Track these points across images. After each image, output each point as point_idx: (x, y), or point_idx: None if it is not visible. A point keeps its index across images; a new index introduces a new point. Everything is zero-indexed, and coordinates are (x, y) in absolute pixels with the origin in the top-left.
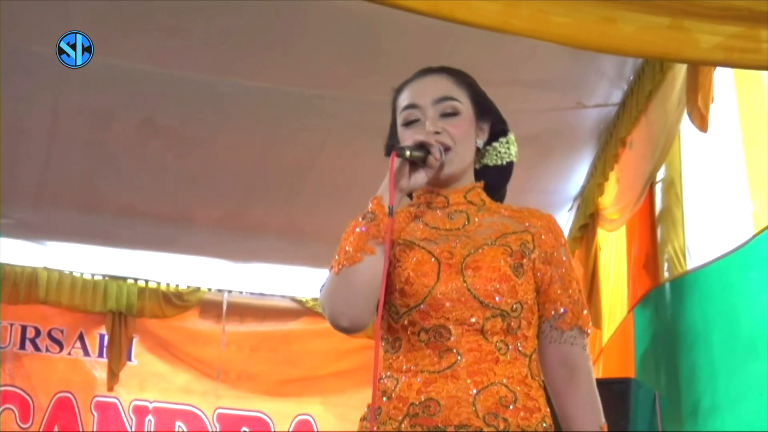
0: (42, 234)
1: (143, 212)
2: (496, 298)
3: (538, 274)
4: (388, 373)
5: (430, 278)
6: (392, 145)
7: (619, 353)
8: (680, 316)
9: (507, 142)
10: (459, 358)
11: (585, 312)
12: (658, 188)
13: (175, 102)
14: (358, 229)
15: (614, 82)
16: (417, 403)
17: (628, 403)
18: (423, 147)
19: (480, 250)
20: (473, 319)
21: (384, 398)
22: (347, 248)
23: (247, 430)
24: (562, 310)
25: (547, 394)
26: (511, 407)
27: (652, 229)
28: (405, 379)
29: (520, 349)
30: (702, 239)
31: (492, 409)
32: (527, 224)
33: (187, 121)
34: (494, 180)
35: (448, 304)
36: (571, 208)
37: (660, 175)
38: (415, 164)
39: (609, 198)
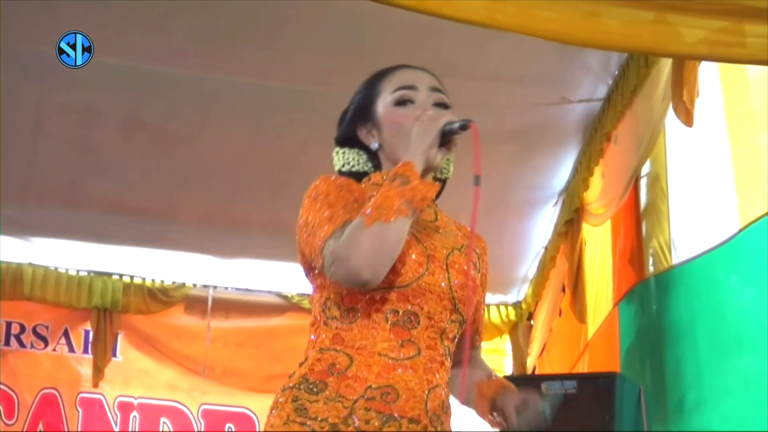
0: (27, 230)
1: (129, 208)
2: (465, 305)
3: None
4: (337, 347)
5: (422, 265)
6: (353, 128)
7: (604, 348)
8: (665, 311)
9: (449, 160)
10: (419, 352)
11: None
12: (643, 183)
13: (161, 98)
14: (389, 190)
15: (599, 77)
16: (376, 387)
17: (613, 398)
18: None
19: (456, 252)
20: (441, 318)
21: (331, 373)
22: (380, 204)
23: (232, 426)
24: (477, 330)
25: None
26: (447, 412)
27: (637, 223)
28: (361, 359)
29: (452, 359)
30: (687, 234)
31: (437, 410)
32: (475, 242)
33: (173, 117)
34: None
35: (428, 295)
36: (556, 203)
37: (645, 169)
38: (444, 141)
39: (594, 193)
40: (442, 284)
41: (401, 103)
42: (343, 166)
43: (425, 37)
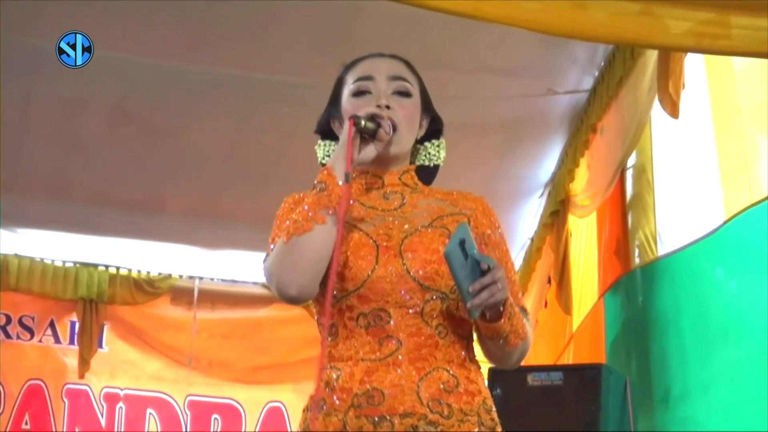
0: (13, 221)
1: (115, 199)
2: (436, 281)
3: None
4: (330, 363)
5: (369, 261)
6: (328, 120)
7: (589, 339)
8: (651, 303)
9: (439, 146)
10: (400, 344)
11: (521, 294)
12: (629, 174)
13: (148, 90)
14: (308, 199)
15: (585, 69)
16: (360, 393)
17: (599, 390)
18: (374, 119)
19: (417, 232)
20: (413, 302)
21: (327, 389)
22: (297, 218)
23: (218, 417)
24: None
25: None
26: (453, 392)
27: (623, 215)
28: (347, 369)
29: (459, 332)
30: (673, 225)
31: (435, 395)
32: (462, 207)
33: (160, 109)
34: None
35: (387, 287)
36: (542, 195)
37: (631, 161)
38: (365, 137)
39: (580, 184)
40: (398, 270)
41: (358, 94)
42: (323, 158)
43: (411, 29)
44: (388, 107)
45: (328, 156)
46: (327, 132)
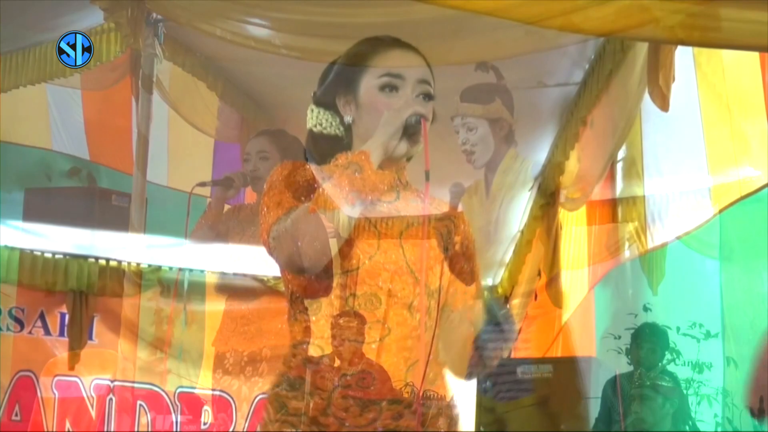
0: (3, 213)
1: (104, 189)
2: (429, 276)
3: (455, 264)
4: (309, 340)
5: (371, 245)
6: (333, 95)
7: (579, 332)
8: (641, 295)
9: None
10: (389, 331)
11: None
12: (619, 167)
13: None
14: (339, 178)
15: (576, 61)
16: (350, 374)
17: (588, 382)
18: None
19: (413, 227)
20: (405, 293)
21: (308, 368)
22: (326, 194)
23: (208, 409)
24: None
25: None
26: (433, 385)
27: (613, 208)
28: (332, 348)
29: (435, 330)
30: (663, 218)
31: (421, 384)
32: (449, 213)
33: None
34: None
35: (384, 274)
36: (532, 188)
37: (621, 154)
38: (405, 134)
39: (570, 177)
40: (398, 260)
41: (386, 90)
42: (315, 126)
43: (402, 21)
44: None
45: (321, 125)
46: (323, 101)
